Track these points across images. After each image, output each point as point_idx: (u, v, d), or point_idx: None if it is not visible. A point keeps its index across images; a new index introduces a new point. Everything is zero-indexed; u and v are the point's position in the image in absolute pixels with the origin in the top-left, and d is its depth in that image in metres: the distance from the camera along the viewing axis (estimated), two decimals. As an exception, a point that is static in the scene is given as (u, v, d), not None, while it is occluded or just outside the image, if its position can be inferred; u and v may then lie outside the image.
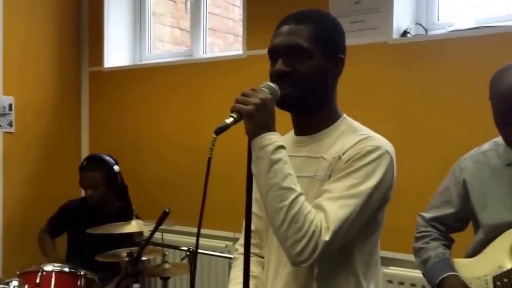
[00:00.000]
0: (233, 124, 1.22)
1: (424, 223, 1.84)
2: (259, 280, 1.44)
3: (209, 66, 3.34)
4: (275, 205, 1.19)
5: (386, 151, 1.26)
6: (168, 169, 3.49)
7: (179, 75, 3.45)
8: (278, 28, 1.34)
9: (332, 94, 1.36)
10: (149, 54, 3.84)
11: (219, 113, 3.64)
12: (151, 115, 3.58)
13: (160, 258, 2.59)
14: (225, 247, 3.10)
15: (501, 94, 1.54)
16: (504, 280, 1.56)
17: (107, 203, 3.03)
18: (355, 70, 2.70)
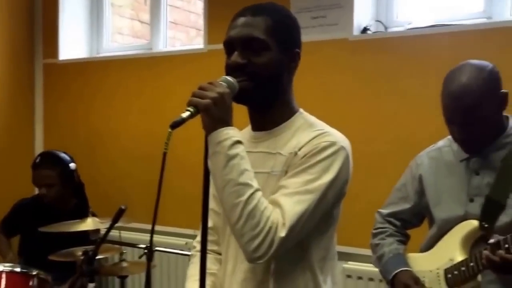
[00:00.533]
0: (189, 118, 1.19)
1: (381, 219, 1.87)
2: (216, 277, 1.43)
3: (169, 60, 3.29)
4: (232, 201, 1.18)
5: (342, 147, 1.26)
6: (126, 165, 3.42)
7: (138, 68, 3.39)
8: (234, 20, 1.32)
9: (288, 88, 1.35)
10: (107, 46, 3.75)
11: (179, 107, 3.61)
12: (108, 109, 3.50)
13: (118, 256, 2.54)
14: (185, 244, 3.06)
15: (449, 93, 1.57)
16: (454, 272, 1.60)
17: (62, 201, 2.94)
18: (316, 65, 2.73)
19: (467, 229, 1.61)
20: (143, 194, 3.17)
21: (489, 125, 1.56)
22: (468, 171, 1.63)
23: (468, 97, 1.52)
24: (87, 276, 2.08)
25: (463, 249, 1.61)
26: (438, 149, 1.76)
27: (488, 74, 1.55)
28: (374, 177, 2.56)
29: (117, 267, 2.48)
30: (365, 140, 2.57)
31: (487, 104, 1.53)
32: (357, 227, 2.54)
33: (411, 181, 1.79)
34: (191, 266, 1.47)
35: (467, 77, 1.54)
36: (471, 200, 1.62)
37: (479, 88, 1.52)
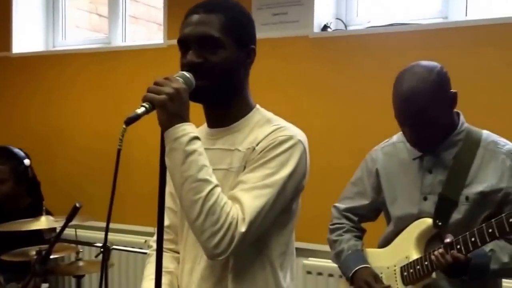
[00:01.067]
0: (144, 114, 1.16)
1: (338, 215, 1.88)
2: (174, 276, 1.41)
3: (128, 55, 3.23)
4: (191, 198, 1.16)
5: (299, 141, 1.26)
6: (83, 161, 3.34)
7: (96, 63, 3.31)
8: (187, 17, 1.30)
9: (245, 85, 1.34)
10: (64, 40, 3.65)
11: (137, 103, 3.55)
12: (64, 104, 3.41)
13: (74, 255, 2.48)
14: (144, 243, 3.01)
15: (399, 96, 1.59)
16: (410, 270, 1.62)
17: (16, 199, 2.84)
18: (276, 62, 2.73)
19: (422, 227, 1.63)
20: (101, 192, 3.09)
21: (440, 125, 1.59)
22: (421, 169, 1.65)
23: (417, 100, 1.54)
24: (40, 276, 2.02)
25: (419, 247, 1.63)
26: (393, 144, 1.77)
27: (436, 76, 1.56)
28: (333, 173, 2.58)
29: (73, 266, 2.44)
30: (323, 136, 2.60)
31: (437, 105, 1.54)
32: (318, 223, 2.56)
33: (368, 176, 1.81)
34: (148, 265, 1.45)
35: (415, 79, 1.55)
36: (425, 198, 1.64)
37: (427, 90, 1.54)
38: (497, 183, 1.55)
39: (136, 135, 2.55)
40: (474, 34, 2.41)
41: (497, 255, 1.53)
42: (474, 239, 1.47)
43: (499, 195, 1.55)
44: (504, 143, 1.61)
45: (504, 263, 1.53)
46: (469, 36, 2.42)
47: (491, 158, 1.58)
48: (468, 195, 1.56)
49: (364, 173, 1.82)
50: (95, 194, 3.11)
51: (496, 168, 1.56)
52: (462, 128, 1.63)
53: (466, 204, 1.57)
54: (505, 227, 1.42)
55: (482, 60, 2.39)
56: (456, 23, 2.49)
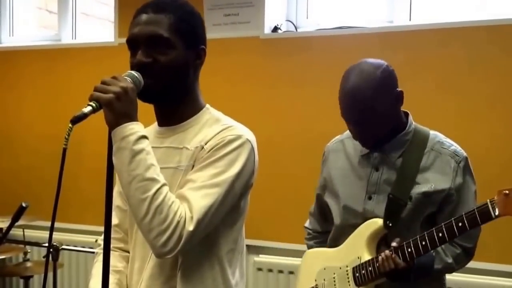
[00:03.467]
0: (91, 113, 1.16)
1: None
2: (122, 275, 1.40)
3: (77, 52, 3.19)
4: (138, 197, 1.17)
5: (247, 140, 1.28)
6: (30, 160, 3.27)
7: (45, 60, 3.25)
8: (136, 17, 1.30)
9: (194, 85, 1.35)
10: (11, 36, 3.54)
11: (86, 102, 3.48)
12: (10, 102, 3.33)
13: (22, 256, 2.44)
14: (96, 242, 2.97)
15: (344, 92, 1.60)
16: (362, 271, 1.62)
17: None
18: (227, 62, 2.76)
19: (373, 227, 1.62)
20: (49, 191, 3.03)
21: (385, 122, 1.58)
22: (368, 166, 1.66)
23: (361, 96, 1.55)
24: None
25: (370, 247, 1.62)
26: (341, 141, 1.78)
27: (381, 73, 1.57)
28: (283, 172, 2.64)
29: (20, 267, 2.41)
30: (271, 135, 2.64)
31: (381, 102, 1.55)
32: (267, 220, 2.62)
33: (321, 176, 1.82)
34: (96, 264, 1.43)
35: (360, 76, 1.57)
36: (370, 197, 1.64)
37: (372, 87, 1.54)
38: (440, 184, 1.57)
39: (84, 134, 2.52)
40: (417, 37, 2.52)
41: (441, 255, 1.56)
42: (424, 243, 1.48)
43: (441, 195, 1.57)
44: (449, 144, 1.62)
45: (448, 263, 1.57)
46: (413, 40, 2.53)
47: (436, 158, 1.59)
48: (412, 195, 1.58)
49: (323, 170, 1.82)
50: (43, 193, 3.05)
51: (440, 168, 1.58)
52: (410, 129, 1.63)
53: (410, 204, 1.58)
54: (454, 231, 1.45)
55: (425, 62, 2.51)
56: (401, 27, 2.59)
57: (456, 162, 1.59)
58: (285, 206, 2.64)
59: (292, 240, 2.57)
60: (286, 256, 2.65)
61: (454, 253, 1.60)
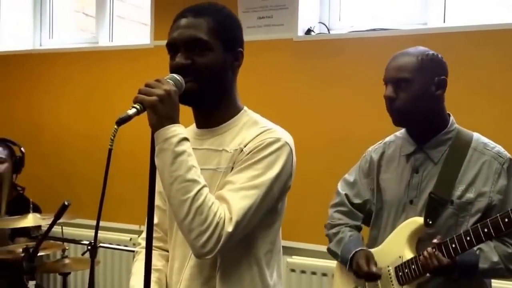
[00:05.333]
0: (135, 115, 1.19)
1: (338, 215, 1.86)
2: (162, 273, 1.43)
3: (114, 55, 3.25)
4: (179, 197, 1.19)
5: (286, 143, 1.29)
6: (68, 160, 3.36)
7: (83, 62, 3.33)
8: (176, 21, 1.33)
9: (232, 87, 1.37)
10: (51, 39, 3.65)
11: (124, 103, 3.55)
12: (51, 103, 3.42)
13: (60, 253, 2.50)
14: (130, 240, 3.04)
15: (392, 56, 1.69)
16: (405, 270, 1.62)
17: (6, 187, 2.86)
18: (260, 64, 2.78)
19: (413, 226, 1.63)
20: (86, 190, 3.13)
21: (418, 101, 1.60)
22: (409, 168, 1.67)
23: (405, 59, 1.62)
24: (27, 273, 2.04)
25: (411, 246, 1.63)
26: (384, 143, 1.81)
27: (431, 55, 1.64)
28: (317, 174, 2.65)
29: (59, 264, 2.45)
30: (308, 138, 2.65)
31: (420, 77, 1.60)
32: (300, 221, 2.63)
33: (362, 177, 1.82)
34: (136, 263, 1.46)
35: (413, 48, 1.65)
36: (411, 202, 1.66)
37: (417, 60, 1.61)
38: (481, 186, 1.57)
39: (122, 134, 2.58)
40: (451, 40, 2.49)
41: (486, 254, 1.54)
42: (469, 238, 1.48)
43: (483, 200, 1.57)
44: (493, 145, 1.62)
45: (494, 262, 1.54)
46: (446, 42, 2.50)
47: (478, 159, 1.59)
48: (454, 199, 1.58)
49: (358, 174, 1.83)
50: (80, 192, 3.14)
51: (483, 169, 1.58)
52: (452, 128, 1.65)
53: (451, 208, 1.58)
54: (500, 226, 1.45)
55: (459, 65, 2.48)
56: (435, 29, 2.57)
57: (499, 164, 1.59)
58: (319, 207, 2.63)
59: (326, 242, 2.56)
60: (319, 258, 2.65)
61: (505, 252, 1.56)
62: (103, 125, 3.20)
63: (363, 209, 1.83)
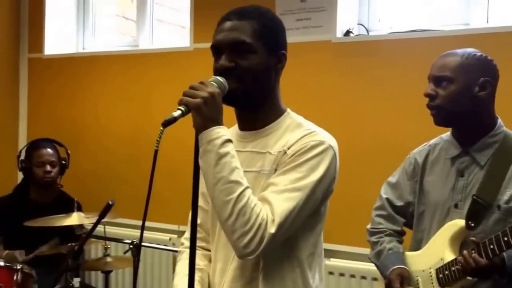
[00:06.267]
0: (180, 117, 1.21)
1: (379, 219, 1.85)
2: (204, 273, 1.45)
3: (155, 58, 3.30)
4: (223, 198, 1.20)
5: (330, 146, 1.29)
6: (109, 160, 3.43)
7: (124, 65, 3.40)
8: (220, 24, 1.34)
9: (275, 89, 1.37)
10: (93, 42, 3.75)
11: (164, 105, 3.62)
12: (93, 104, 3.51)
13: (102, 251, 2.56)
14: (169, 240, 3.09)
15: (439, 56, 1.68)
16: (445, 272, 1.61)
17: (50, 189, 2.95)
18: (299, 66, 2.78)
19: (455, 229, 1.62)
20: (125, 189, 3.20)
21: (459, 100, 1.59)
22: (454, 171, 1.66)
23: (450, 58, 1.63)
24: (72, 270, 2.11)
25: (453, 248, 1.62)
26: (429, 145, 1.79)
27: (479, 55, 1.63)
28: (355, 176, 2.63)
29: (101, 262, 2.50)
30: (346, 140, 2.62)
31: (463, 75, 1.59)
32: (339, 224, 2.61)
33: (405, 179, 1.81)
34: (180, 262, 1.48)
35: (463, 49, 1.65)
36: (456, 205, 1.64)
37: (463, 58, 1.61)
38: None
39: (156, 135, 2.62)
40: (495, 40, 2.43)
41: None
42: (506, 238, 1.45)
43: None
44: None
45: None
46: (490, 43, 2.44)
47: None
48: (500, 204, 1.56)
49: (402, 176, 1.82)
50: (120, 192, 3.21)
51: None
52: (499, 131, 1.63)
53: (498, 213, 1.56)
54: None
55: (504, 66, 2.41)
56: (477, 30, 2.52)
57: None
58: (358, 210, 2.62)
59: (364, 245, 2.54)
60: (357, 261, 2.64)
61: None
62: (143, 127, 3.27)
63: (405, 212, 1.82)
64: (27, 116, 3.76)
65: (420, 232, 1.76)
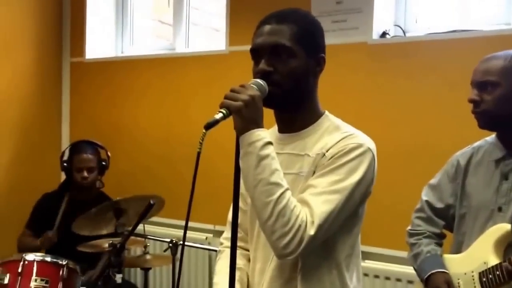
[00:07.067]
0: (222, 119, 1.23)
1: (419, 221, 1.84)
2: (243, 272, 1.47)
3: (191, 61, 3.36)
4: (263, 200, 1.22)
5: (369, 148, 1.30)
6: (146, 161, 3.50)
7: (161, 68, 3.46)
8: (259, 27, 1.35)
9: (314, 92, 1.39)
10: (131, 46, 3.84)
11: (200, 107, 3.68)
12: (131, 107, 3.59)
13: (141, 249, 2.62)
14: (205, 239, 3.14)
15: (481, 60, 1.68)
16: (489, 276, 1.60)
17: (90, 189, 3.05)
18: (335, 68, 2.76)
19: (500, 232, 1.60)
20: (162, 190, 3.26)
21: (504, 104, 1.59)
22: (498, 174, 1.65)
23: (492, 62, 1.62)
24: (115, 267, 2.17)
25: (497, 252, 1.61)
26: (472, 148, 1.78)
27: None
28: (391, 178, 2.62)
29: (141, 259, 2.56)
30: (384, 142, 2.60)
31: (509, 79, 1.58)
32: (374, 226, 2.60)
33: (447, 181, 1.80)
34: (219, 261, 1.51)
35: (504, 52, 1.64)
36: (499, 209, 1.63)
37: (506, 62, 1.60)
38: None
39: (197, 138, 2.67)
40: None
41: None
42: None
43: None
44: None
45: None
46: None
47: None
48: None
49: (443, 178, 1.81)
50: (158, 192, 3.27)
51: None
52: None
53: None
54: None
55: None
56: (519, 29, 2.47)
57: None
58: (393, 212, 2.61)
59: (399, 247, 2.53)
60: (392, 263, 2.62)
61: None
62: (179, 129, 3.33)
63: (446, 214, 1.81)
64: (69, 118, 3.89)
65: (461, 235, 1.74)
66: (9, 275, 2.17)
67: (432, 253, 1.75)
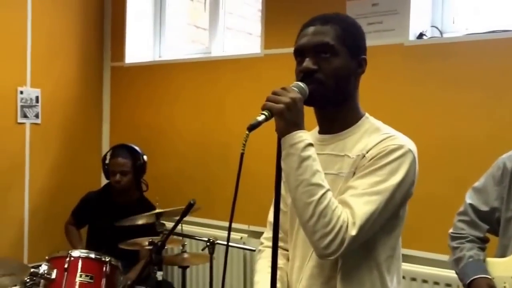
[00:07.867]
0: (264, 121, 1.26)
1: (462, 225, 1.82)
2: (283, 271, 1.50)
3: (226, 64, 3.40)
4: (304, 200, 1.23)
5: (409, 150, 1.30)
6: (183, 163, 3.57)
7: (197, 72, 3.53)
8: (303, 30, 1.38)
9: (355, 93, 1.40)
10: (168, 51, 3.92)
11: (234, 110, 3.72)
12: (169, 109, 3.66)
13: (179, 247, 2.68)
14: (240, 239, 3.18)
15: None
16: None
17: (128, 192, 3.13)
18: (371, 70, 2.75)
19: None
20: (197, 191, 3.33)
21: None
22: None
23: None
24: (156, 264, 2.23)
25: None
26: None
27: None
28: (426, 178, 2.59)
29: (179, 257, 2.61)
30: (423, 144, 2.58)
31: None
32: (412, 228, 2.58)
33: (493, 184, 1.78)
34: (260, 261, 1.54)
35: None
36: None
37: None
38: None
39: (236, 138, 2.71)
40: None
41: None
42: None
43: None
44: None
45: None
46: None
47: None
48: None
49: (489, 181, 1.79)
50: (193, 193, 3.32)
51: None
52: None
53: None
54: None
55: None
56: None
57: None
58: (431, 215, 2.59)
59: (437, 250, 2.51)
60: (430, 266, 2.60)
61: None
62: (214, 131, 3.38)
63: (490, 218, 1.78)
64: (109, 121, 4.01)
65: (506, 238, 1.72)
66: (56, 271, 2.27)
67: (475, 258, 1.73)
